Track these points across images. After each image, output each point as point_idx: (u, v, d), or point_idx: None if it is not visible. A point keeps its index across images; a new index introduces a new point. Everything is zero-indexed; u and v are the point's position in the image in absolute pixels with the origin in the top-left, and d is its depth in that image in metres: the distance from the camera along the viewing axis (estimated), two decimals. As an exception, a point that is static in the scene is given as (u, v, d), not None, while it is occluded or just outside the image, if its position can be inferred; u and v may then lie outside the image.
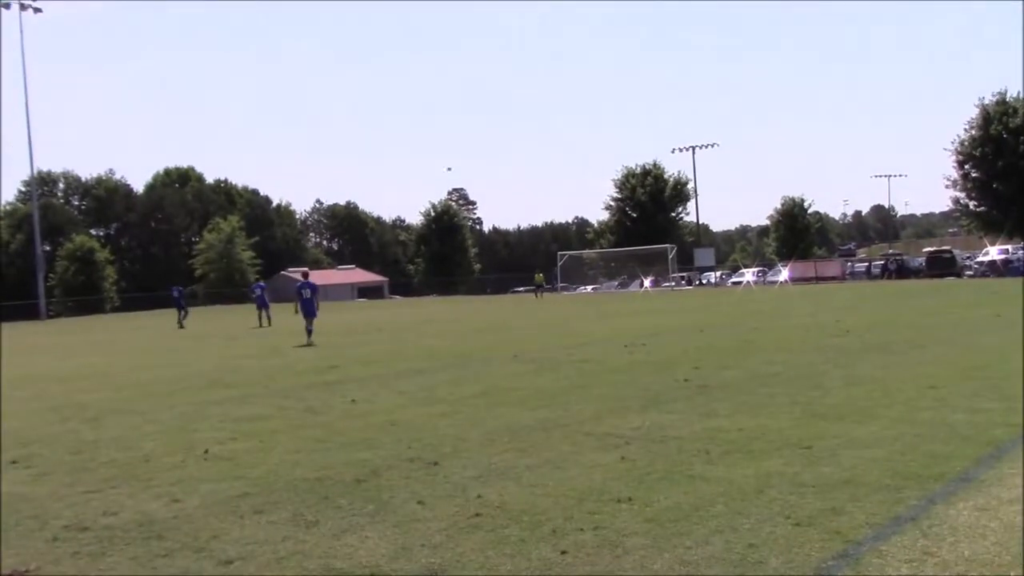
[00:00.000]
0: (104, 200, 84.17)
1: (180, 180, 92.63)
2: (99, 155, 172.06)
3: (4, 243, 68.13)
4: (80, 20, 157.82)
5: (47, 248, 64.75)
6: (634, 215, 70.74)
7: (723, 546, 4.44)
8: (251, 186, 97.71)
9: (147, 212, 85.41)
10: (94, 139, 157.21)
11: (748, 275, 57.47)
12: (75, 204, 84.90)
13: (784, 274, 52.50)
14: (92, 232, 76.59)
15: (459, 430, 7.98)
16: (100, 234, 79.53)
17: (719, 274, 66.67)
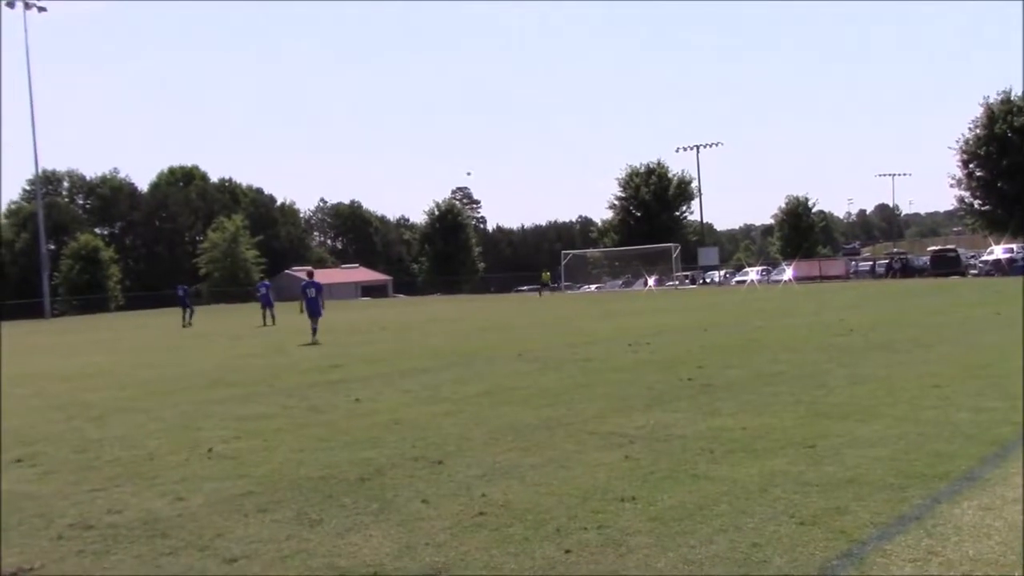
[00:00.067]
0: (108, 199, 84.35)
1: (184, 179, 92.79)
2: (103, 154, 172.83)
3: (9, 242, 68.34)
4: (84, 19, 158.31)
5: (51, 247, 64.87)
6: (638, 214, 70.73)
7: (727, 545, 4.43)
8: (255, 185, 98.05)
9: (151, 211, 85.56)
10: (98, 138, 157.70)
11: (752, 274, 57.46)
12: (79, 203, 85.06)
13: (788, 273, 52.42)
14: (96, 231, 76.82)
15: (463, 429, 7.99)
16: (104, 233, 79.73)
17: (723, 273, 66.64)
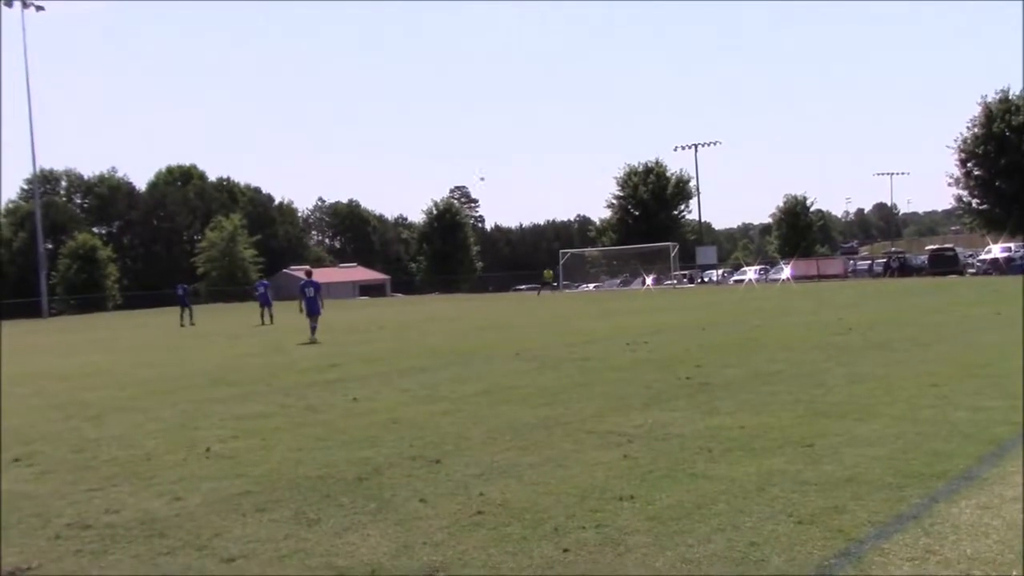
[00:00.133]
0: (106, 198, 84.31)
1: (182, 178, 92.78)
2: (101, 153, 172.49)
3: (7, 241, 68.29)
4: (82, 18, 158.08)
5: (49, 246, 64.90)
6: (636, 213, 70.72)
7: (725, 544, 4.44)
8: (253, 184, 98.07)
9: (149, 210, 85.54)
10: (96, 137, 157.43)
11: (750, 273, 57.46)
12: (77, 202, 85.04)
13: (786, 272, 52.46)
14: (94, 230, 76.81)
15: (461, 428, 7.99)
16: (102, 232, 79.71)
17: (721, 272, 66.67)
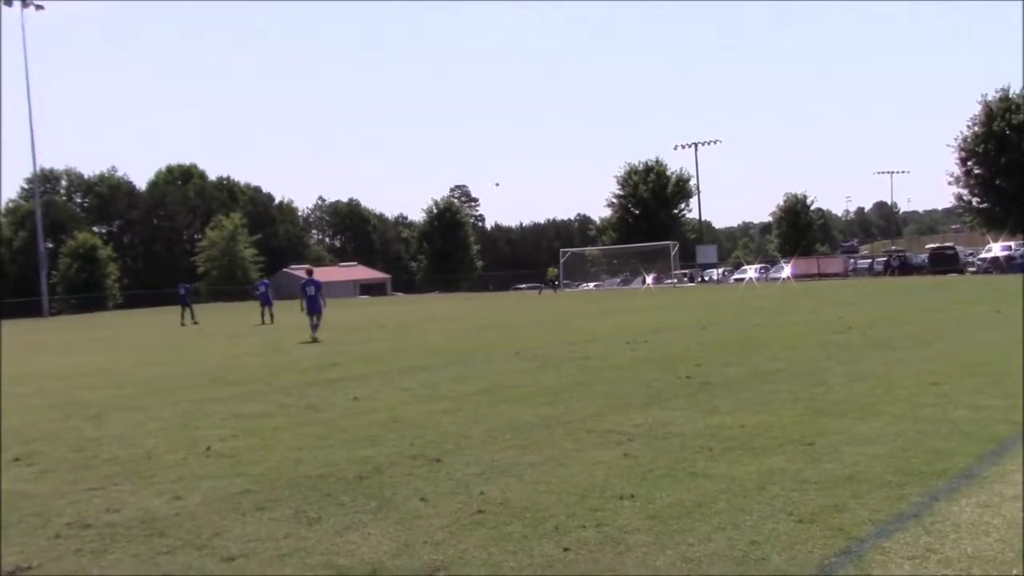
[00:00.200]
0: (107, 197, 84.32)
1: (182, 177, 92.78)
2: (101, 152, 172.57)
3: (7, 240, 68.30)
4: (82, 17, 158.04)
5: (50, 245, 64.90)
6: (636, 212, 70.72)
7: (725, 543, 4.43)
8: (253, 183, 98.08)
9: (149, 209, 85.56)
10: (97, 136, 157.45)
11: (750, 272, 57.44)
12: (78, 201, 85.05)
13: (786, 271, 52.45)
14: (95, 229, 76.82)
15: (461, 427, 7.99)
16: (103, 231, 79.73)
17: (721, 271, 66.63)
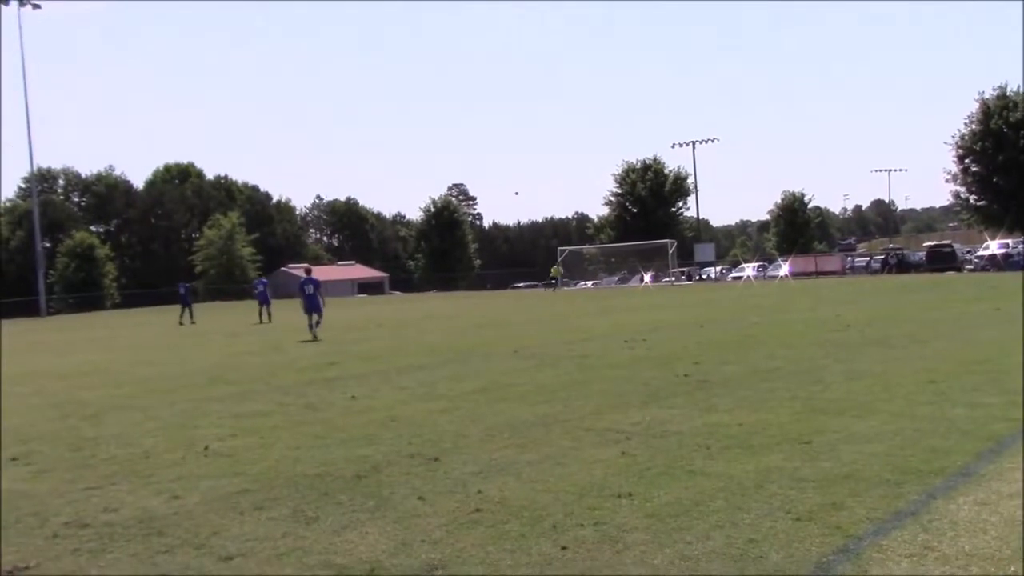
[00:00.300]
0: (104, 196, 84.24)
1: (180, 176, 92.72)
2: (99, 152, 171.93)
3: (4, 240, 68.23)
4: (80, 17, 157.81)
5: (47, 245, 64.83)
6: (634, 210, 70.77)
7: (723, 541, 4.44)
8: (251, 182, 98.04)
9: (147, 208, 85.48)
10: (94, 136, 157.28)
11: (748, 270, 57.46)
12: (75, 201, 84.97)
13: (784, 269, 52.49)
14: (92, 229, 76.78)
15: (459, 426, 7.99)
16: (100, 231, 79.69)
17: (719, 269, 66.62)
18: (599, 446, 6.78)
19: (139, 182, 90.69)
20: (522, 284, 75.57)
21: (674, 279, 56.30)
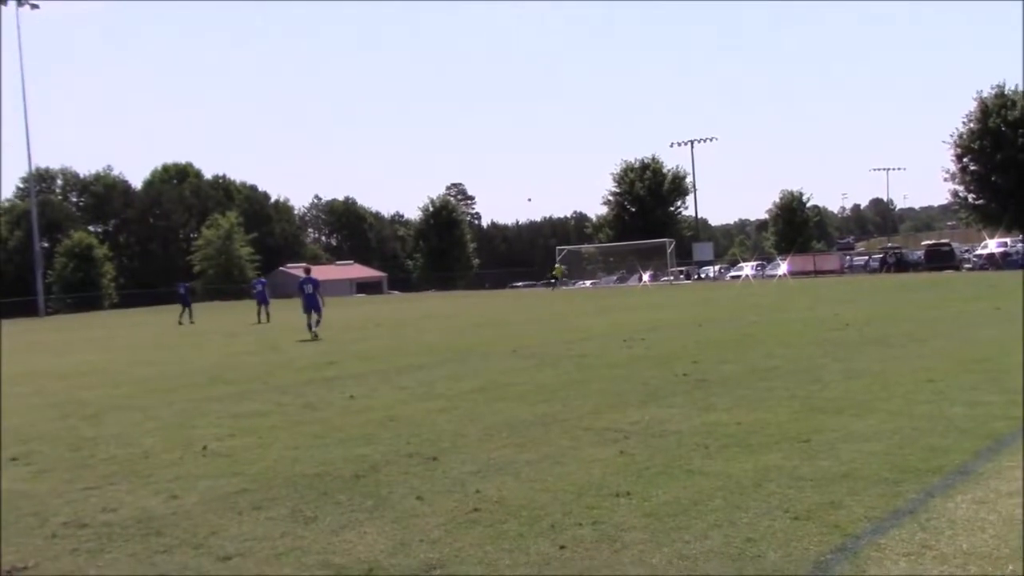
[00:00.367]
0: (102, 196, 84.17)
1: (178, 176, 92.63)
2: (97, 152, 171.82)
3: (2, 240, 68.18)
4: (78, 17, 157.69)
5: (45, 245, 64.74)
6: (633, 209, 70.71)
7: (722, 540, 4.44)
8: (249, 182, 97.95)
9: (145, 208, 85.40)
10: (92, 136, 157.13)
11: (747, 269, 57.47)
12: (73, 201, 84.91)
13: (783, 268, 52.54)
14: (90, 229, 76.69)
15: (458, 425, 7.99)
16: (98, 231, 79.60)
17: (718, 268, 66.69)
18: (597, 445, 6.79)
19: (137, 182, 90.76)
20: (521, 283, 75.58)
21: (672, 278, 56.31)
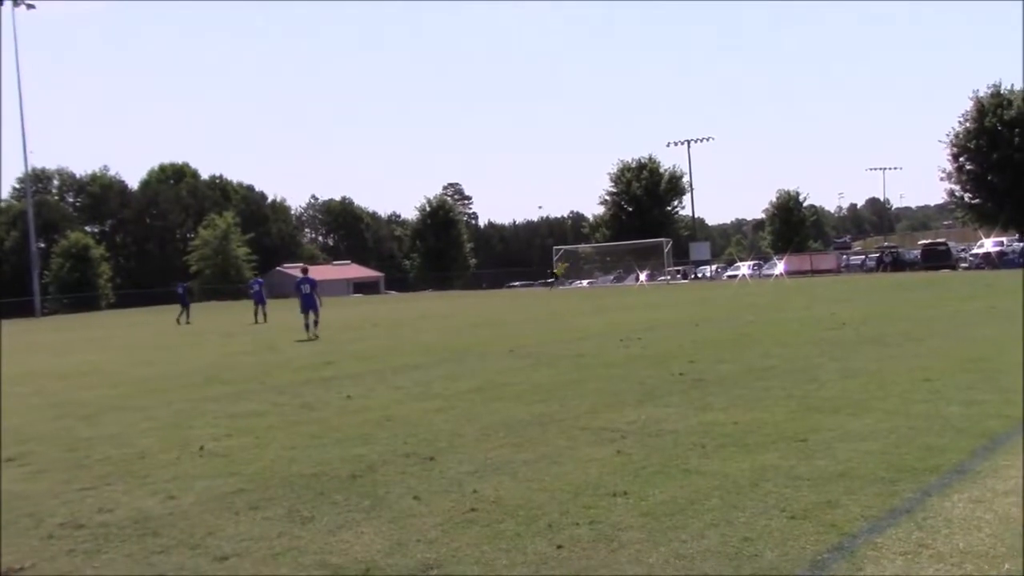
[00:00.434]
0: (99, 197, 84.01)
1: (175, 176, 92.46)
2: (93, 152, 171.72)
3: (-1, 240, 68.01)
4: (74, 17, 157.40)
5: (42, 245, 64.62)
6: (630, 209, 70.68)
7: (718, 539, 4.44)
8: (246, 182, 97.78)
9: (142, 209, 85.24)
10: (88, 136, 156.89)
11: (743, 269, 57.51)
12: (70, 201, 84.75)
13: (779, 267, 52.55)
14: (87, 229, 76.59)
15: (455, 425, 7.99)
16: (95, 231, 79.48)
17: (715, 268, 66.75)
18: (594, 445, 6.79)
19: (134, 182, 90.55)
20: (518, 283, 75.55)
21: (669, 278, 56.32)
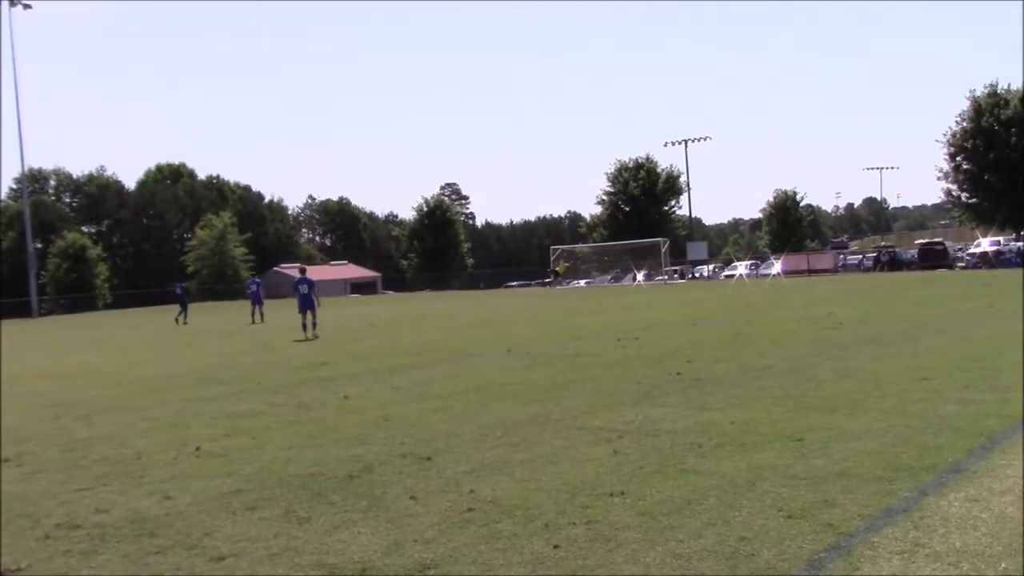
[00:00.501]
0: (96, 197, 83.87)
1: (172, 177, 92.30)
2: (90, 152, 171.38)
3: (-5, 241, 67.87)
4: (71, 17, 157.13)
5: (39, 245, 64.56)
6: (627, 209, 70.70)
7: (715, 539, 4.45)
8: (243, 182, 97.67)
9: (139, 209, 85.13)
10: (85, 136, 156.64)
11: (741, 268, 57.54)
12: (66, 201, 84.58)
13: (776, 267, 52.52)
14: (84, 229, 76.44)
15: (452, 425, 7.98)
16: (92, 231, 79.33)
17: (712, 267, 66.75)
18: (591, 445, 6.79)
19: (131, 182, 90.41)
20: (515, 283, 75.54)
21: (667, 278, 56.33)
